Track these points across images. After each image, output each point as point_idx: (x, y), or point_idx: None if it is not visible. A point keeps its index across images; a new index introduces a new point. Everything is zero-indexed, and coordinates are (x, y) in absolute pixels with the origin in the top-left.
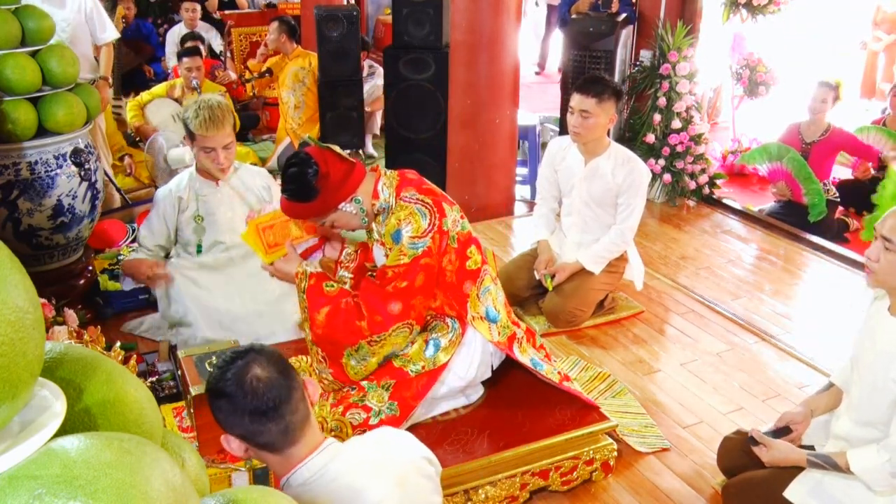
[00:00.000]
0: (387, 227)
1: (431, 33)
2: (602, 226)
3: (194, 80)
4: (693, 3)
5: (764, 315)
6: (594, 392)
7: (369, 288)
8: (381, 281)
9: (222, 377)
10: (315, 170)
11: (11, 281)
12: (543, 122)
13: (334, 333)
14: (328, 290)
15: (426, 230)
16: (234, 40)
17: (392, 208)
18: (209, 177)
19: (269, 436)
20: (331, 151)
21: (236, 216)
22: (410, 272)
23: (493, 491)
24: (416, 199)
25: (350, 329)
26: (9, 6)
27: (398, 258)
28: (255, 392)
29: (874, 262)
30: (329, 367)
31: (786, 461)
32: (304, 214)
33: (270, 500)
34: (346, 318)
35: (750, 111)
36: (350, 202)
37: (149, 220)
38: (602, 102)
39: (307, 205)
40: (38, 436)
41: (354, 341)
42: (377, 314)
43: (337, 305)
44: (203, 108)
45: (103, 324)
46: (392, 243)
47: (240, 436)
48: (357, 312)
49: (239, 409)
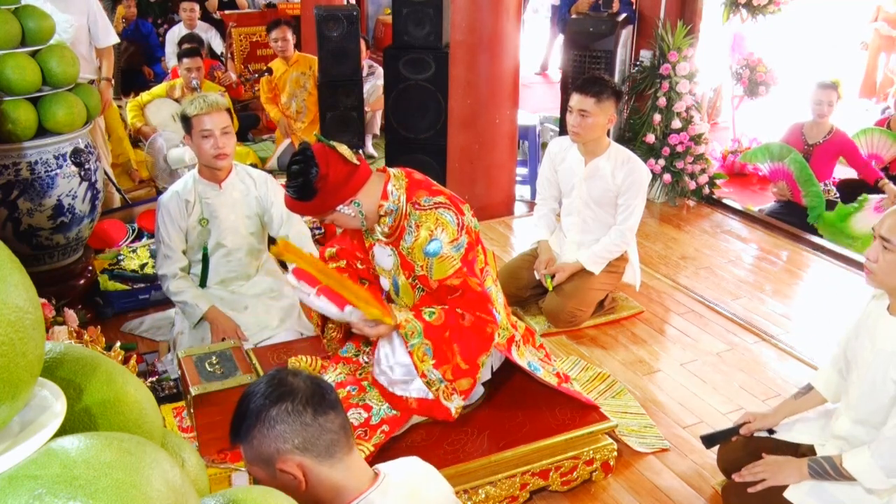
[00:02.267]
0: (417, 240)
1: (431, 33)
2: (602, 226)
3: (194, 81)
4: (693, 3)
5: (764, 315)
6: (593, 392)
7: (468, 301)
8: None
9: (270, 388)
10: (315, 171)
11: (11, 281)
12: (543, 122)
13: (470, 353)
14: (434, 321)
15: (458, 230)
16: (234, 41)
17: (404, 212)
18: (212, 179)
19: (333, 433)
20: (335, 152)
21: (238, 218)
22: (471, 271)
23: (493, 491)
24: (433, 203)
25: (483, 338)
26: (9, 6)
27: (451, 266)
28: (309, 380)
29: (873, 262)
30: (460, 395)
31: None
32: (304, 212)
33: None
34: (476, 332)
35: (750, 111)
36: (349, 205)
37: (163, 228)
38: (601, 102)
39: (305, 203)
40: (38, 436)
41: (488, 348)
42: (490, 316)
43: (457, 326)
44: (199, 98)
45: (103, 324)
46: (425, 259)
47: (300, 447)
48: (480, 321)
49: (301, 404)
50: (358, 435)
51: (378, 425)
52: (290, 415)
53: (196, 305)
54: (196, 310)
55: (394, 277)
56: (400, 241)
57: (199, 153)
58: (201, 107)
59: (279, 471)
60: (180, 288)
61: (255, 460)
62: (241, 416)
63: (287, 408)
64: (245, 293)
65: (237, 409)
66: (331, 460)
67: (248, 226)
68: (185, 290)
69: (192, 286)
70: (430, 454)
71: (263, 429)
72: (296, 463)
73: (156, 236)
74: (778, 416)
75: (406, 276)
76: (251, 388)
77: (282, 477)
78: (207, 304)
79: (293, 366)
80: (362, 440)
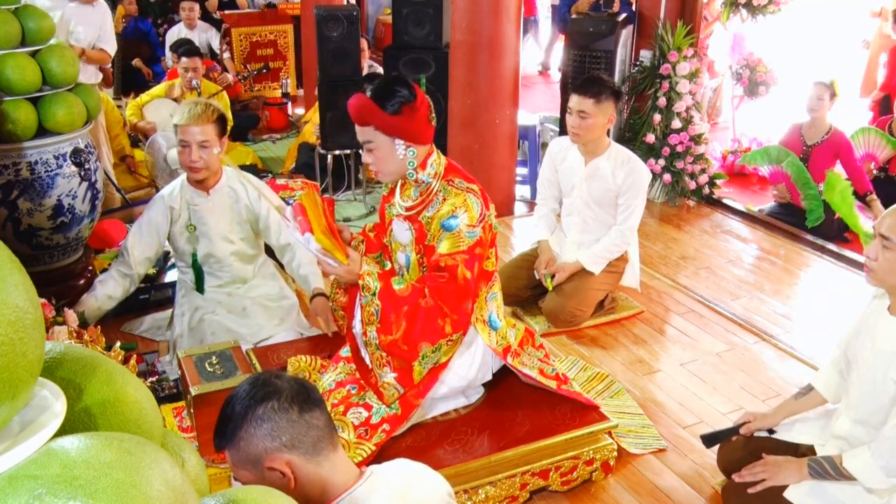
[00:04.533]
0: (438, 212)
1: (431, 33)
2: (602, 226)
3: (194, 81)
4: (693, 3)
5: (764, 315)
6: (592, 392)
7: (443, 287)
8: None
9: (254, 389)
10: (410, 97)
11: (11, 281)
12: (543, 122)
13: (413, 335)
14: (399, 290)
15: (478, 220)
16: (233, 40)
17: (434, 188)
18: (198, 185)
19: (318, 430)
20: (429, 104)
21: (227, 225)
22: (470, 262)
23: (493, 491)
24: (465, 187)
25: (432, 329)
26: (9, 6)
27: (457, 245)
28: (292, 380)
29: (873, 260)
30: (393, 371)
31: (787, 481)
32: (364, 115)
33: (270, 501)
34: (428, 319)
35: (750, 111)
36: (406, 147)
37: (138, 226)
38: (600, 103)
39: (375, 110)
40: (38, 436)
41: (435, 341)
42: (456, 312)
43: (415, 305)
44: (192, 103)
45: (103, 324)
46: (440, 230)
47: (287, 444)
48: (439, 312)
49: (286, 402)
50: (359, 434)
51: (379, 424)
52: (277, 412)
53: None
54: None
55: (407, 254)
56: (422, 213)
57: (178, 159)
58: (184, 117)
59: (268, 469)
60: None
61: (242, 462)
62: (226, 419)
63: (273, 406)
64: (243, 296)
65: (221, 414)
66: (317, 458)
67: (239, 232)
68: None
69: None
70: (430, 454)
71: (251, 428)
72: (284, 461)
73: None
74: (778, 416)
75: (417, 251)
76: (234, 392)
77: (270, 476)
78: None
79: (293, 366)
80: (364, 440)
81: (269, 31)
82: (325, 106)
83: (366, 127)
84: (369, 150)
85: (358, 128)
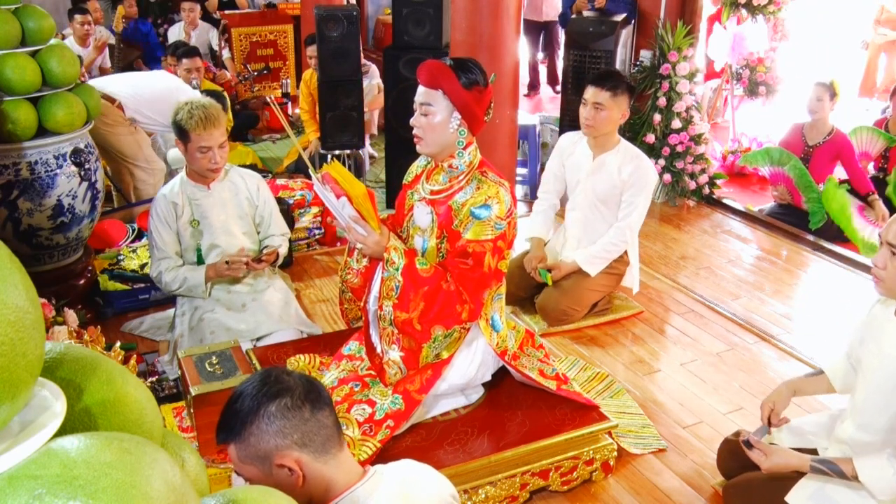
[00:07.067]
0: (472, 199)
1: (431, 33)
2: (605, 224)
3: (194, 81)
4: (693, 3)
5: (764, 315)
6: (592, 392)
7: (467, 273)
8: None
9: (265, 385)
10: (485, 83)
11: (11, 281)
12: (543, 122)
13: (429, 317)
14: (422, 269)
15: (507, 214)
16: (233, 40)
17: (467, 176)
18: (200, 180)
19: (328, 428)
20: (492, 101)
21: (229, 219)
22: (495, 252)
23: (493, 491)
24: (499, 181)
25: (449, 313)
26: (9, 6)
27: (485, 232)
28: (302, 378)
29: (881, 269)
30: (401, 350)
31: (786, 467)
32: (438, 77)
33: (270, 501)
34: (447, 302)
35: (750, 111)
36: (460, 123)
37: (155, 232)
38: (616, 96)
39: (451, 76)
40: (38, 436)
41: (450, 325)
42: (474, 301)
43: (436, 287)
44: (197, 108)
45: (103, 324)
46: (469, 217)
47: (298, 442)
48: (458, 297)
49: (299, 399)
50: (364, 431)
51: (383, 420)
52: (290, 410)
53: (195, 277)
54: (197, 279)
55: (425, 238)
56: (451, 198)
57: (191, 162)
58: (201, 122)
59: (276, 466)
60: (174, 275)
61: (248, 458)
62: (234, 413)
63: (286, 403)
64: (242, 292)
65: (227, 408)
66: (325, 456)
67: (241, 226)
68: (179, 272)
69: (180, 265)
70: (430, 454)
71: (262, 424)
72: (294, 458)
73: (149, 241)
74: (785, 391)
75: (437, 236)
76: (242, 388)
77: (278, 473)
78: (202, 269)
79: (292, 365)
80: (368, 437)
81: (269, 31)
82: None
83: (433, 90)
84: (425, 114)
85: (422, 89)
